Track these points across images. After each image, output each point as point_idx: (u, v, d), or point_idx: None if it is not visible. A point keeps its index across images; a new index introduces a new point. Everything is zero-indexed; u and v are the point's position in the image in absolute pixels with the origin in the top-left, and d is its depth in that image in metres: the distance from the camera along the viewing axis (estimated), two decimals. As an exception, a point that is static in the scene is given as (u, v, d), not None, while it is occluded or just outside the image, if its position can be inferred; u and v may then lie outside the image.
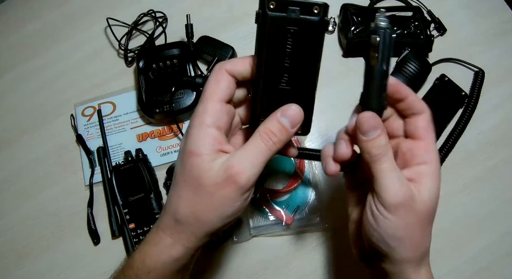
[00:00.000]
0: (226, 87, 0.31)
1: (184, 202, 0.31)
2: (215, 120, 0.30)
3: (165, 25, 0.63)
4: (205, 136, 0.30)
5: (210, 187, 0.30)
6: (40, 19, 0.67)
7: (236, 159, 0.30)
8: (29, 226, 0.55)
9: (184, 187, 0.31)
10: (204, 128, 0.30)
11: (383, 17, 0.31)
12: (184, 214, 0.31)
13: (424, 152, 0.31)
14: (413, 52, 0.56)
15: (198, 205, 0.30)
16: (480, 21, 0.61)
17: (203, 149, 0.30)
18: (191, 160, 0.30)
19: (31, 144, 0.59)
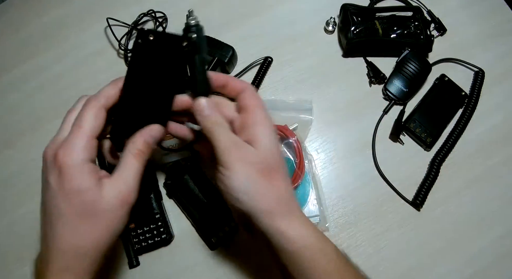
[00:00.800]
0: (102, 122, 0.34)
1: (84, 234, 0.33)
2: (89, 154, 0.33)
3: (165, 25, 0.63)
4: (86, 171, 0.33)
5: (107, 215, 0.33)
6: (40, 19, 0.67)
7: (122, 184, 0.33)
8: (29, 226, 0.55)
9: (79, 222, 0.33)
10: (80, 164, 0.32)
11: (193, 17, 0.36)
12: (88, 245, 0.33)
13: (254, 118, 0.36)
14: (413, 52, 0.56)
15: (98, 233, 0.33)
16: (480, 21, 0.62)
17: (88, 183, 0.32)
18: (81, 196, 0.32)
19: (31, 144, 0.59)
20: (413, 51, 0.56)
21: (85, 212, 0.33)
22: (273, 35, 0.62)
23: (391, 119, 0.56)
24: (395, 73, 0.56)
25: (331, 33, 0.62)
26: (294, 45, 0.61)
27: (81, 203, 0.32)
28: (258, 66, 0.59)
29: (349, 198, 0.53)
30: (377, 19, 0.58)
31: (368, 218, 0.52)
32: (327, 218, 0.51)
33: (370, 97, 0.58)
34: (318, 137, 0.56)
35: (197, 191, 0.51)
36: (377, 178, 0.53)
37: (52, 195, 0.34)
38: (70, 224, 0.33)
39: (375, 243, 0.51)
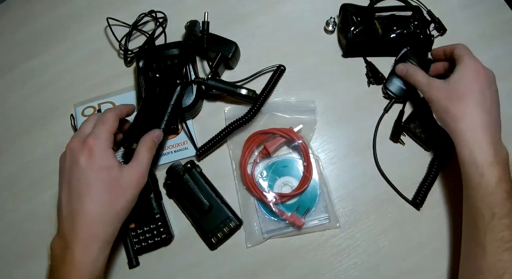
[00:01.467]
0: (117, 125, 0.46)
1: (107, 204, 0.41)
2: (110, 143, 0.43)
3: (165, 25, 0.63)
4: (111, 155, 0.43)
5: (126, 189, 0.42)
6: (40, 19, 0.67)
7: (138, 168, 0.44)
8: (29, 226, 0.55)
9: (103, 193, 0.41)
10: (107, 149, 0.43)
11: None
12: (109, 213, 0.41)
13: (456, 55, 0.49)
14: (411, 50, 0.56)
15: (118, 204, 0.41)
16: (480, 21, 0.62)
17: (114, 162, 0.42)
18: (108, 172, 0.41)
19: (31, 144, 0.59)
20: (412, 49, 0.56)
21: (110, 185, 0.41)
22: (273, 35, 0.62)
23: (391, 119, 0.56)
24: (394, 71, 0.56)
25: (331, 33, 0.62)
26: (294, 45, 0.61)
27: (108, 177, 0.41)
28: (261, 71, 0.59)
29: (349, 198, 0.53)
30: (377, 19, 0.58)
31: (368, 218, 0.52)
32: (338, 218, 0.51)
33: (370, 97, 0.58)
34: (318, 137, 0.56)
35: (197, 191, 0.51)
36: (377, 178, 0.53)
37: (82, 172, 0.41)
38: (98, 196, 0.40)
39: (375, 243, 0.51)
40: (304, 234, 0.51)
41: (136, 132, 0.50)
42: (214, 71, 0.56)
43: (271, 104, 0.57)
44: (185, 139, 0.56)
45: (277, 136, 0.54)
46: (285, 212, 0.51)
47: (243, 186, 0.53)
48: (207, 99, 0.59)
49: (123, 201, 0.42)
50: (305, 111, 0.56)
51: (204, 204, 0.50)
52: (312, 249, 0.51)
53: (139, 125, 0.51)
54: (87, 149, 0.41)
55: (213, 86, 0.54)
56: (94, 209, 0.40)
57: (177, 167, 0.52)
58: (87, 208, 0.40)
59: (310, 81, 0.59)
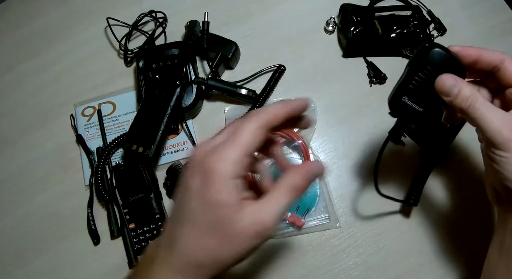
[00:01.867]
0: (259, 142, 0.31)
1: (207, 250, 0.32)
2: (239, 170, 0.31)
3: (165, 25, 0.63)
4: (233, 186, 0.30)
5: (240, 238, 0.31)
6: (40, 19, 0.67)
7: (265, 214, 0.31)
8: (29, 226, 0.55)
9: (207, 235, 0.31)
10: (229, 177, 0.30)
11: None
12: (204, 261, 0.32)
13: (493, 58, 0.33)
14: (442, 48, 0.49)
15: (223, 254, 0.31)
16: (480, 21, 0.61)
17: (231, 199, 0.30)
18: (219, 209, 0.30)
19: (31, 144, 0.59)
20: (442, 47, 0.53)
21: (216, 227, 0.31)
22: (272, 35, 0.62)
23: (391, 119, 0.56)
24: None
25: (331, 33, 0.62)
26: (294, 45, 0.61)
27: (216, 217, 0.31)
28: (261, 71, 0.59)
29: (349, 198, 0.53)
30: (377, 19, 0.58)
31: (368, 218, 0.52)
32: (338, 218, 0.51)
33: (370, 97, 0.58)
34: (318, 137, 0.56)
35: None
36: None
37: (189, 198, 0.32)
38: (198, 234, 0.32)
39: (375, 243, 0.51)
40: (304, 234, 0.51)
41: (135, 132, 0.50)
42: (214, 71, 0.56)
43: (272, 104, 0.57)
44: (185, 139, 0.56)
45: (277, 136, 0.54)
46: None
47: (243, 186, 0.53)
48: (207, 99, 0.59)
49: (229, 251, 0.31)
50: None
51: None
52: (312, 249, 0.51)
53: (139, 126, 0.51)
54: (203, 170, 0.31)
55: (213, 86, 0.54)
56: (189, 246, 0.32)
57: (177, 167, 0.52)
58: (184, 239, 0.32)
59: (310, 81, 0.59)
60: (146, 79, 0.55)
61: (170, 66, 0.55)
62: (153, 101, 0.53)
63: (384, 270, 0.49)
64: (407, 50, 0.58)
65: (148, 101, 0.53)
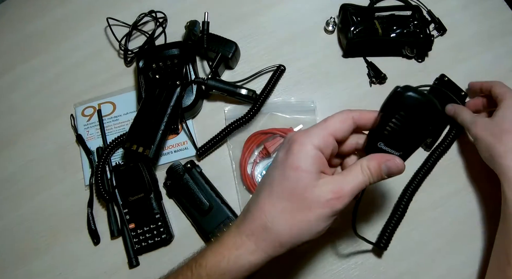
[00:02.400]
0: (346, 129, 0.35)
1: (280, 212, 0.33)
2: (323, 145, 0.34)
3: (165, 25, 0.63)
4: (311, 155, 0.33)
5: (312, 203, 0.32)
6: (40, 19, 0.67)
7: (341, 184, 0.33)
8: (29, 226, 0.55)
9: (282, 198, 0.33)
10: (310, 147, 0.33)
11: None
12: (278, 223, 0.33)
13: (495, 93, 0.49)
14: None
15: (295, 217, 0.33)
16: (480, 21, 0.61)
17: (310, 166, 0.33)
18: (296, 174, 0.33)
19: (31, 144, 0.59)
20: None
21: (293, 192, 0.33)
22: (272, 35, 0.62)
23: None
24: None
25: (331, 33, 0.62)
26: (294, 45, 0.61)
27: (293, 181, 0.33)
28: (261, 71, 0.59)
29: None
30: (377, 19, 0.58)
31: (368, 218, 0.52)
32: (338, 218, 0.51)
33: (370, 97, 0.58)
34: (318, 137, 0.56)
35: (197, 191, 0.51)
36: (378, 184, 0.53)
37: (273, 168, 0.35)
38: (274, 197, 0.34)
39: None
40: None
41: (135, 132, 0.50)
42: (214, 71, 0.56)
43: (271, 104, 0.57)
44: (185, 139, 0.56)
45: (277, 136, 0.54)
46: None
47: (243, 186, 0.53)
48: (207, 99, 0.59)
49: (300, 218, 0.33)
50: (305, 111, 0.56)
51: (204, 204, 0.50)
52: (312, 249, 0.51)
53: (139, 126, 0.51)
54: (289, 142, 0.34)
55: (213, 86, 0.54)
56: (267, 212, 0.34)
57: (177, 167, 0.52)
58: (259, 203, 0.34)
59: (310, 81, 0.59)
60: (146, 79, 0.55)
61: (170, 66, 0.55)
62: (153, 101, 0.53)
63: (384, 270, 0.49)
64: (407, 50, 0.58)
65: (148, 101, 0.53)
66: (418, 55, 0.59)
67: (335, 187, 0.33)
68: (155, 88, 0.53)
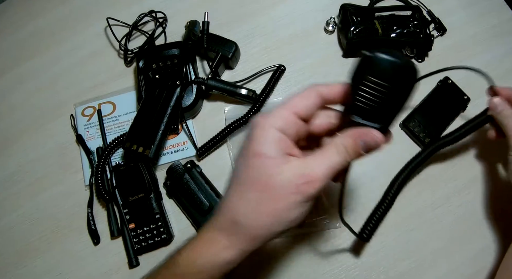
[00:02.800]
0: (310, 106, 0.32)
1: (246, 204, 0.31)
2: (283, 125, 0.31)
3: (165, 25, 0.63)
4: (273, 138, 0.30)
5: (279, 191, 0.30)
6: (40, 19, 0.67)
7: (310, 167, 0.30)
8: (29, 226, 0.55)
9: (248, 189, 0.31)
10: (270, 129, 0.30)
11: None
12: (246, 216, 0.31)
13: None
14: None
15: (262, 208, 0.30)
16: (480, 21, 0.61)
17: (272, 151, 0.30)
18: (259, 161, 0.30)
19: (31, 144, 0.59)
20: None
21: (256, 180, 0.30)
22: (272, 35, 0.62)
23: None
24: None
25: (331, 33, 0.62)
26: (294, 45, 0.61)
27: (256, 169, 0.30)
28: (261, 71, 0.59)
29: (349, 198, 0.53)
30: (377, 19, 0.58)
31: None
32: (338, 217, 0.51)
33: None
34: (318, 137, 0.56)
35: (197, 191, 0.51)
36: (377, 178, 0.53)
37: (238, 155, 0.32)
38: (240, 190, 0.31)
39: (375, 243, 0.50)
40: (304, 234, 0.51)
41: (135, 132, 0.50)
42: (214, 71, 0.56)
43: (271, 104, 0.57)
44: (185, 139, 0.56)
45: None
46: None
47: (243, 186, 0.53)
48: (207, 99, 0.59)
49: (268, 208, 0.30)
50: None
51: (204, 204, 0.50)
52: (312, 249, 0.51)
53: (139, 126, 0.51)
54: (251, 128, 0.31)
55: (213, 86, 0.55)
56: (234, 206, 0.32)
57: (177, 167, 0.52)
58: (227, 195, 0.32)
59: (310, 81, 0.59)
60: (146, 79, 0.55)
61: (170, 66, 0.55)
62: (153, 101, 0.53)
63: (384, 270, 0.49)
64: (407, 50, 0.58)
65: (148, 101, 0.53)
66: (418, 55, 0.59)
67: (304, 171, 0.30)
68: (155, 88, 0.53)
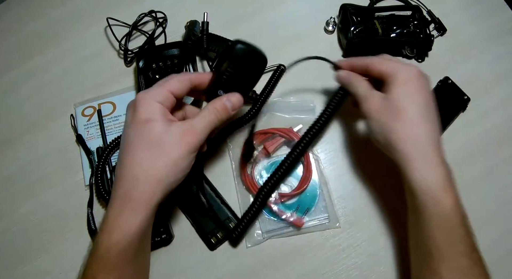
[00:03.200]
0: (183, 88, 0.40)
1: (142, 163, 0.36)
2: (162, 99, 0.38)
3: (165, 25, 0.63)
4: (157, 107, 0.37)
5: (168, 146, 0.36)
6: (40, 19, 0.67)
7: (192, 124, 0.38)
8: (29, 226, 0.55)
9: (141, 150, 0.36)
10: (152, 102, 0.37)
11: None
12: (144, 173, 0.36)
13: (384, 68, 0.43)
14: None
15: (156, 163, 0.36)
16: (480, 21, 0.62)
17: (158, 116, 0.37)
18: (148, 125, 0.36)
19: (31, 144, 0.59)
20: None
21: (149, 141, 0.36)
22: (272, 35, 0.62)
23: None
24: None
25: (331, 33, 0.62)
26: (294, 45, 0.61)
27: (147, 132, 0.36)
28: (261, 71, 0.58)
29: (349, 198, 0.53)
30: (377, 19, 0.58)
31: (369, 218, 0.52)
32: (338, 218, 0.51)
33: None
34: (317, 137, 0.56)
35: (197, 191, 0.51)
36: (377, 178, 0.53)
37: (126, 126, 0.38)
38: (133, 152, 0.36)
39: (375, 242, 0.51)
40: (304, 234, 0.51)
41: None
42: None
43: (271, 104, 0.57)
44: (185, 139, 0.56)
45: (277, 136, 0.54)
46: (285, 212, 0.50)
47: (243, 186, 0.53)
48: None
49: (162, 160, 0.36)
50: (305, 111, 0.56)
51: (204, 204, 0.50)
52: (312, 249, 0.51)
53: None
54: (134, 103, 0.38)
55: None
56: (130, 167, 0.36)
57: (177, 167, 0.52)
58: (123, 163, 0.37)
59: (310, 81, 0.59)
60: (146, 79, 0.55)
61: (170, 66, 0.55)
62: None
63: (385, 270, 0.49)
64: (407, 50, 0.58)
65: None
66: (418, 55, 0.59)
67: (187, 127, 0.38)
68: None
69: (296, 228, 0.51)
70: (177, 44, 0.57)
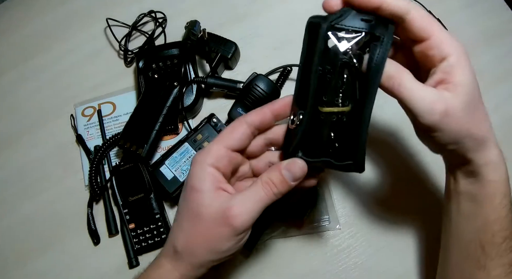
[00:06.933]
0: (238, 137, 0.34)
1: (182, 233, 0.34)
2: (215, 161, 0.33)
3: (164, 25, 0.63)
4: (205, 174, 0.33)
5: (207, 222, 0.32)
6: (41, 19, 0.67)
7: (235, 202, 0.32)
8: (29, 226, 0.55)
9: (185, 219, 0.34)
10: (204, 166, 0.33)
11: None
12: (181, 244, 0.34)
13: (439, 47, 0.31)
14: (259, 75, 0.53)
15: (193, 238, 0.33)
16: (480, 21, 0.61)
17: (203, 185, 0.32)
18: (193, 194, 0.33)
19: (31, 144, 0.59)
20: (260, 74, 0.53)
21: (191, 212, 0.33)
22: (273, 35, 0.62)
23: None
24: (240, 98, 0.53)
25: (331, 33, 0.62)
26: (294, 45, 0.61)
27: (190, 202, 0.33)
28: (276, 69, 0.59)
29: (349, 198, 0.53)
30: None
31: (369, 218, 0.52)
32: (338, 218, 0.51)
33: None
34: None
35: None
36: (377, 178, 0.53)
37: (183, 189, 0.35)
38: (179, 220, 0.34)
39: (375, 243, 0.50)
40: (304, 235, 0.51)
41: (130, 131, 0.50)
42: (214, 70, 0.56)
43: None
44: (185, 139, 0.56)
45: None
46: (285, 214, 0.50)
47: (243, 186, 0.53)
48: (207, 98, 0.59)
49: (202, 237, 0.33)
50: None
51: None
52: (312, 249, 0.51)
53: (134, 124, 0.51)
54: (191, 164, 0.34)
55: (213, 84, 0.55)
56: (174, 232, 0.35)
57: (177, 167, 0.52)
58: (172, 228, 0.36)
59: (310, 81, 0.59)
60: (146, 79, 0.55)
61: (170, 66, 0.55)
62: (150, 101, 0.53)
63: (385, 270, 0.49)
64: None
65: (145, 101, 0.53)
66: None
67: (229, 205, 0.31)
68: (154, 88, 0.54)
69: (296, 229, 0.50)
70: (176, 44, 0.57)
